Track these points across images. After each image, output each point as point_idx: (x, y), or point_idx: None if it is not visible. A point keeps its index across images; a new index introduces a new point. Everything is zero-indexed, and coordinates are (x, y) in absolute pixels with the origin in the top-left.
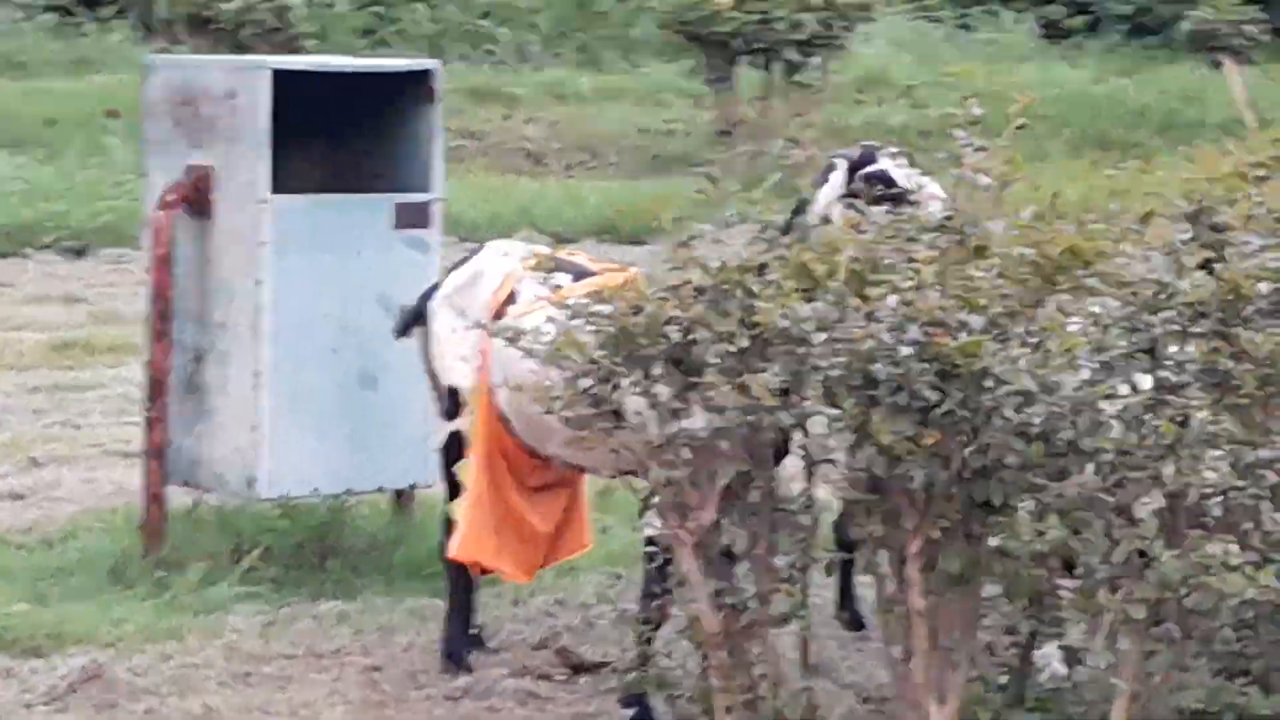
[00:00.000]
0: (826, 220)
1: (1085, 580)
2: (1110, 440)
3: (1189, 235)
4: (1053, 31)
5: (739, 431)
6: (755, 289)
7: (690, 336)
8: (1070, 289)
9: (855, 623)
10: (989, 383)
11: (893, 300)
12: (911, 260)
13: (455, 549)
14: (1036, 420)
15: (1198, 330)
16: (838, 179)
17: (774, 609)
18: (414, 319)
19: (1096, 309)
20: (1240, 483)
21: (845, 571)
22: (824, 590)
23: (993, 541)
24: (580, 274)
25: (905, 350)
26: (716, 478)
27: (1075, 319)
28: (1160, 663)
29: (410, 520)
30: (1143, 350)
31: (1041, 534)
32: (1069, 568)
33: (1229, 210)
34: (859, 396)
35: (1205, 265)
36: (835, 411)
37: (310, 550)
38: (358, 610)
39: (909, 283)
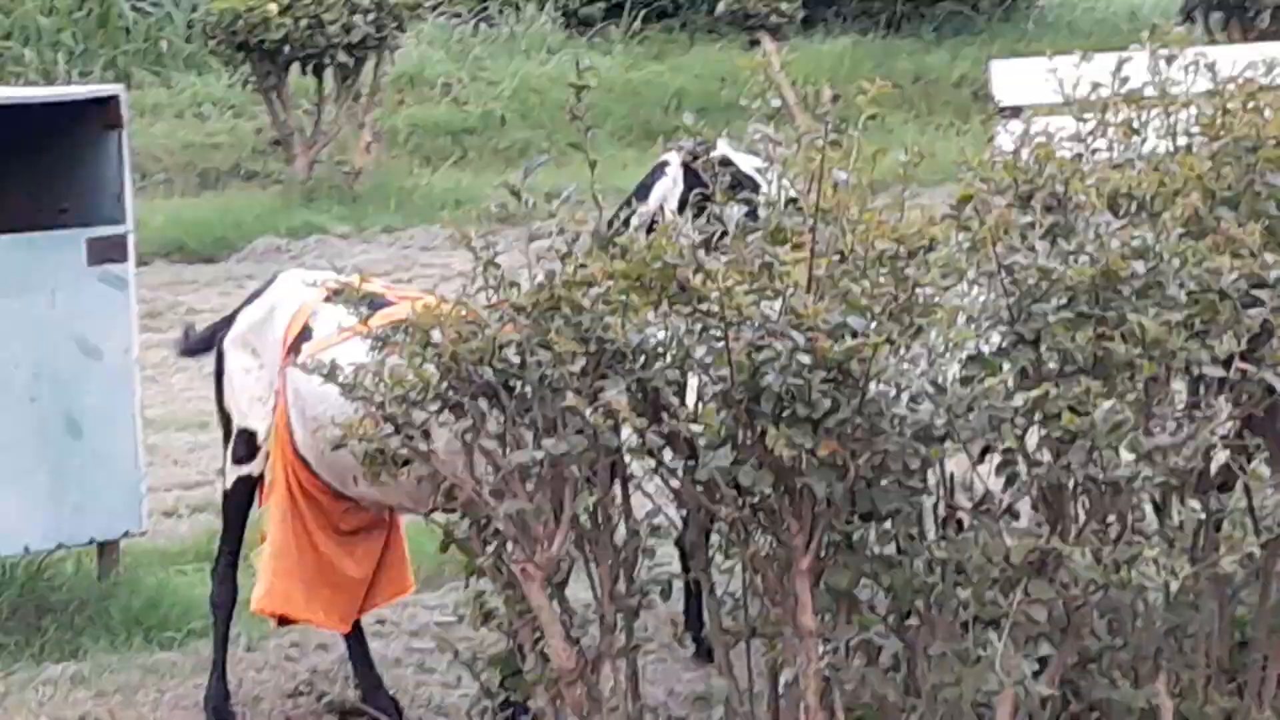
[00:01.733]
0: (653, 222)
1: (978, 584)
2: (1011, 435)
3: (1028, 218)
4: (573, 21)
5: (587, 456)
6: (585, 304)
7: (532, 358)
8: (932, 281)
9: (703, 650)
10: (878, 385)
11: (773, 307)
12: (777, 263)
13: (257, 601)
14: (939, 421)
15: (1069, 315)
16: (674, 174)
17: (618, 638)
18: (203, 346)
19: (955, 300)
20: (1148, 471)
21: (692, 595)
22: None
23: (879, 550)
24: (378, 304)
25: (804, 358)
26: (565, 506)
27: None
28: (1055, 662)
29: (119, 571)
30: (1026, 340)
31: (943, 539)
32: (958, 571)
33: (1062, 188)
34: (737, 411)
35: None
36: (698, 428)
37: (26, 611)
38: (90, 671)
39: (790, 289)
